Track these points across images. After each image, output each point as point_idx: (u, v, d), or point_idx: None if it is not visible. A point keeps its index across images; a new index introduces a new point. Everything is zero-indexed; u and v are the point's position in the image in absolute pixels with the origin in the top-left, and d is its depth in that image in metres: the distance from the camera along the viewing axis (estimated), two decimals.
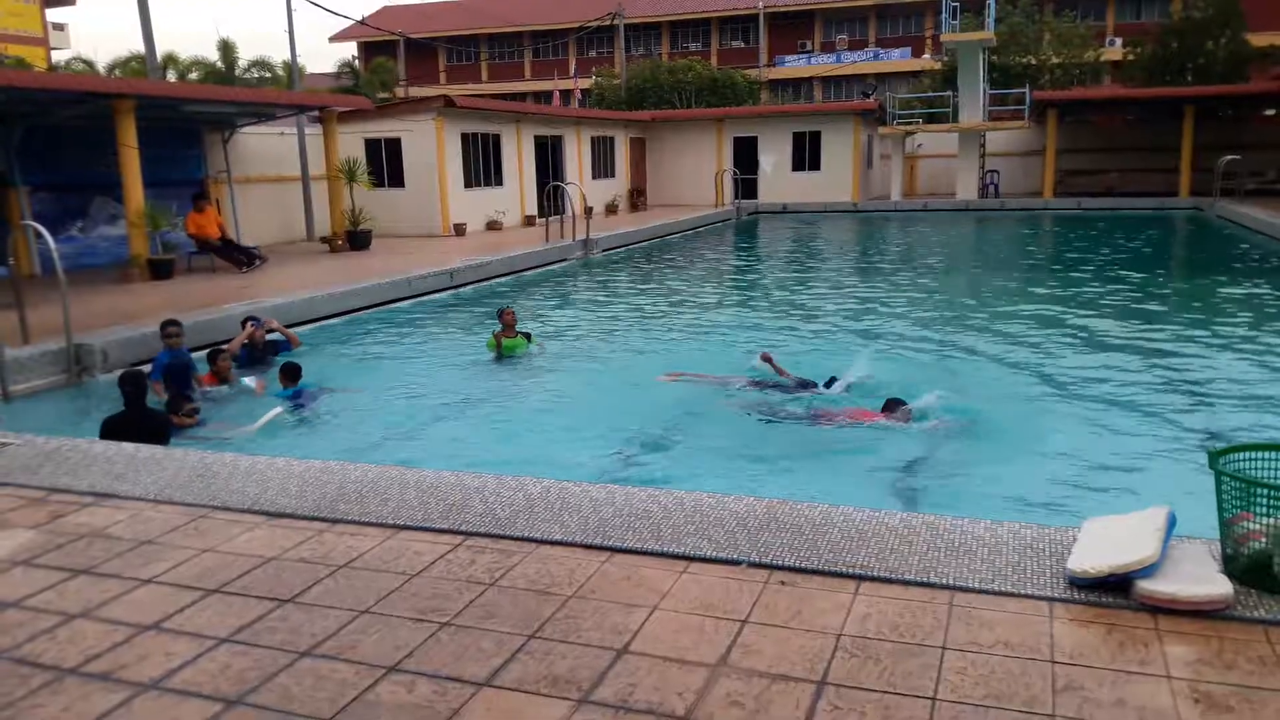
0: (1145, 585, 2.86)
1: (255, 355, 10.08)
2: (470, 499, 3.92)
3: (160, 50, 34.35)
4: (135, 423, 6.58)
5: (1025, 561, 3.17)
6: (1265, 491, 2.91)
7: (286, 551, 3.54)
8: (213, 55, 35.78)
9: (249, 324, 10.20)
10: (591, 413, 8.40)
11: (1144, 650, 2.64)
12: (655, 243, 23.28)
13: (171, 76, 33.93)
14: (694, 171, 32.98)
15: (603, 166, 30.29)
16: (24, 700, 2.58)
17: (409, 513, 3.83)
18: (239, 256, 15.75)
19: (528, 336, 10.52)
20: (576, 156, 28.21)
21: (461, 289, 15.17)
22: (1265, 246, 19.32)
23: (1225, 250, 19.75)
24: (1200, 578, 2.89)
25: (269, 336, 10.36)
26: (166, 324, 9.09)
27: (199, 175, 18.52)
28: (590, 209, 23.11)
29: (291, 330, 10.80)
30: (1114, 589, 2.93)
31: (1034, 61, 36.13)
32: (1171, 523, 3.06)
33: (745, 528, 3.52)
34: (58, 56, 37.49)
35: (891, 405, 7.57)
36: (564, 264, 18.67)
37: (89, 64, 34.32)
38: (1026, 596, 2.97)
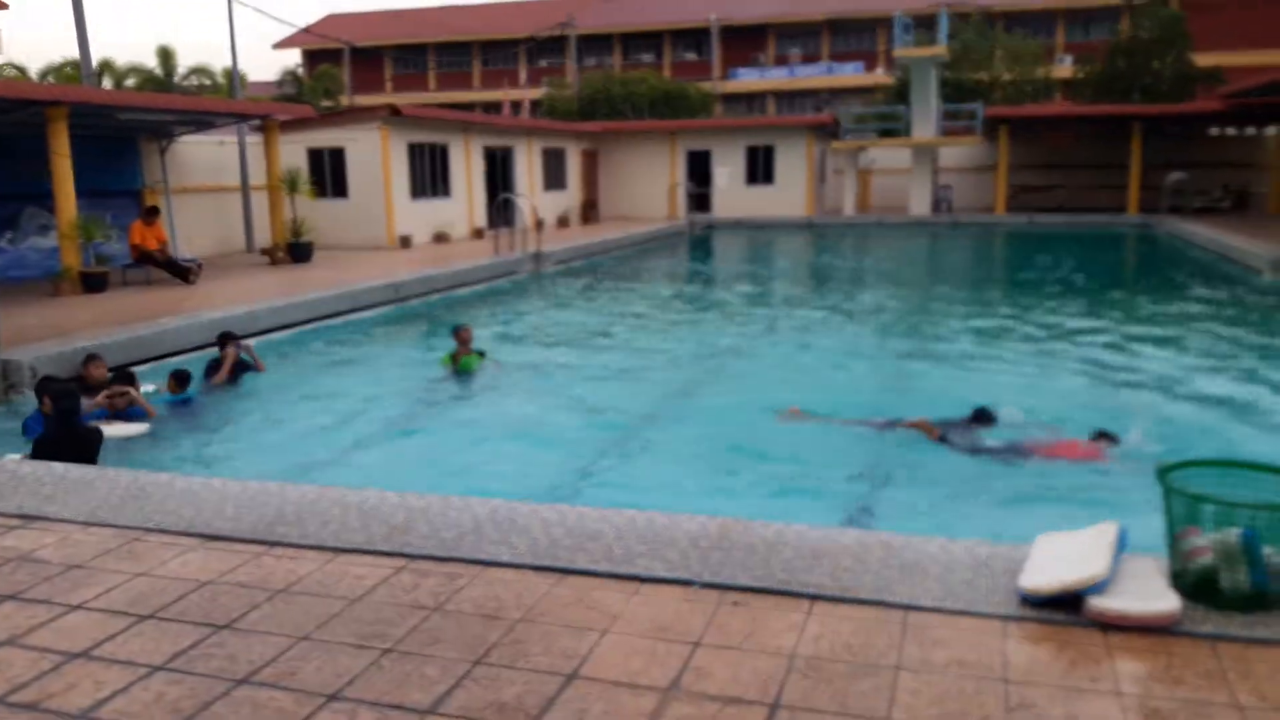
0: (1096, 602, 2.88)
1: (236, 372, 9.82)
2: (415, 520, 3.83)
3: (96, 56, 33.72)
4: (68, 441, 6.37)
5: (978, 579, 3.17)
6: (1211, 507, 2.94)
7: (223, 575, 3.43)
8: (151, 62, 35.20)
9: (230, 344, 9.89)
10: (543, 431, 8.33)
11: (1095, 667, 2.65)
12: (608, 256, 23.28)
13: (108, 83, 33.30)
14: (647, 184, 33.08)
15: (554, 178, 30.23)
16: None
17: (350, 535, 3.73)
18: (181, 269, 15.43)
19: (482, 354, 10.41)
20: (527, 168, 28.13)
21: (407, 303, 15.01)
22: (1212, 263, 19.83)
23: (1174, 266, 20.23)
24: (1149, 594, 2.91)
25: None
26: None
27: (135, 185, 18.13)
28: (541, 221, 23.05)
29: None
30: (1066, 606, 2.94)
31: (986, 78, 36.76)
32: (1122, 538, 3.08)
33: (698, 547, 3.48)
34: None
35: (1102, 437, 6.83)
36: (514, 277, 18.57)
37: (21, 70, 33.56)
38: (980, 615, 2.97)
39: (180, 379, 8.96)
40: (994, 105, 33.62)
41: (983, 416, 7.63)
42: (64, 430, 6.48)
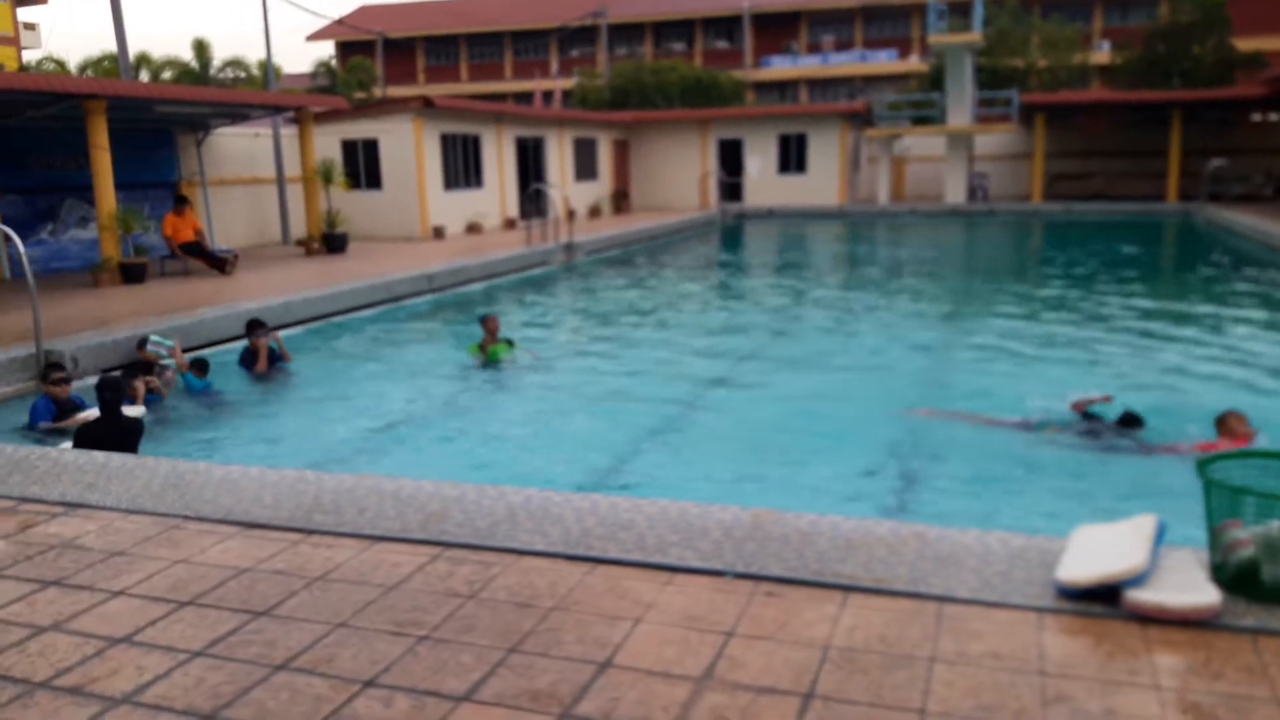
0: (1134, 595, 2.84)
1: (269, 362, 9.91)
2: (449, 509, 3.86)
3: (133, 49, 34.12)
4: (111, 430, 6.47)
5: (1014, 571, 3.14)
6: (1253, 499, 2.90)
7: (261, 563, 3.46)
8: (187, 55, 35.53)
9: (259, 332, 9.99)
10: (575, 420, 8.34)
11: (1133, 660, 2.62)
12: (639, 246, 23.25)
13: (145, 76, 33.67)
14: (679, 174, 32.97)
15: (585, 168, 30.21)
16: None
17: (386, 523, 3.76)
18: (219, 259, 15.61)
19: (510, 343, 10.43)
20: (559, 158, 28.14)
21: (441, 293, 15.08)
22: (1255, 253, 19.46)
23: (1216, 255, 19.85)
24: (1188, 586, 2.87)
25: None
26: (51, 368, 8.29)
27: (172, 177, 18.35)
28: (573, 212, 23.05)
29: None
30: (1103, 598, 2.90)
31: (1022, 64, 36.25)
32: (1160, 531, 3.03)
33: (731, 538, 3.47)
34: (29, 56, 37.04)
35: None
36: (545, 268, 18.60)
37: (61, 64, 33.99)
38: (1015, 607, 2.94)
39: (201, 366, 9.16)
40: (1030, 92, 33.17)
41: (1130, 421, 7.29)
42: (109, 420, 6.58)
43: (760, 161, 32.54)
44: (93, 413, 7.75)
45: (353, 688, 2.60)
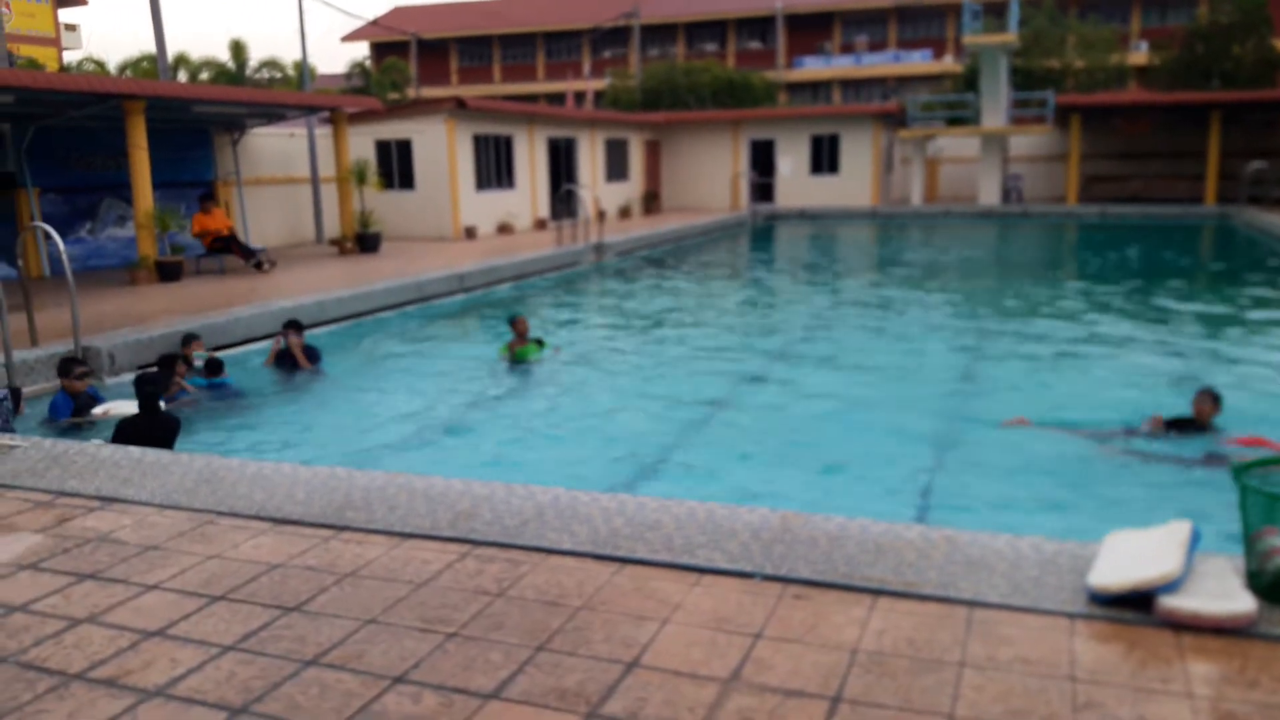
0: (1168, 602, 2.80)
1: (290, 364, 9.97)
2: (479, 507, 3.88)
3: (172, 50, 34.58)
4: (149, 426, 6.55)
5: (1045, 576, 3.11)
6: None
7: (292, 559, 3.50)
8: (224, 55, 35.93)
9: (290, 331, 10.07)
10: (603, 420, 8.35)
11: (1166, 668, 2.59)
12: (669, 247, 23.25)
13: (183, 77, 34.09)
14: (710, 175, 32.88)
15: (617, 169, 30.22)
16: (30, 705, 2.56)
17: (417, 521, 3.78)
18: (251, 252, 15.77)
19: (540, 343, 10.47)
20: (590, 159, 28.17)
21: (472, 293, 15.16)
22: None
23: (1259, 260, 19.50)
24: (1224, 594, 2.83)
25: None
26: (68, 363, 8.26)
27: (208, 176, 18.57)
28: (603, 212, 23.08)
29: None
30: (1136, 605, 2.87)
31: (1058, 65, 35.83)
32: (1195, 538, 2.99)
33: (759, 539, 3.46)
34: (69, 57, 37.63)
35: None
36: (576, 268, 18.64)
37: (100, 64, 34.48)
38: (1046, 612, 2.91)
39: (213, 367, 9.25)
40: (1066, 93, 32.81)
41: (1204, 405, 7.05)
42: (147, 416, 6.66)
43: (792, 162, 32.39)
44: (113, 406, 7.90)
45: (382, 684, 2.62)
